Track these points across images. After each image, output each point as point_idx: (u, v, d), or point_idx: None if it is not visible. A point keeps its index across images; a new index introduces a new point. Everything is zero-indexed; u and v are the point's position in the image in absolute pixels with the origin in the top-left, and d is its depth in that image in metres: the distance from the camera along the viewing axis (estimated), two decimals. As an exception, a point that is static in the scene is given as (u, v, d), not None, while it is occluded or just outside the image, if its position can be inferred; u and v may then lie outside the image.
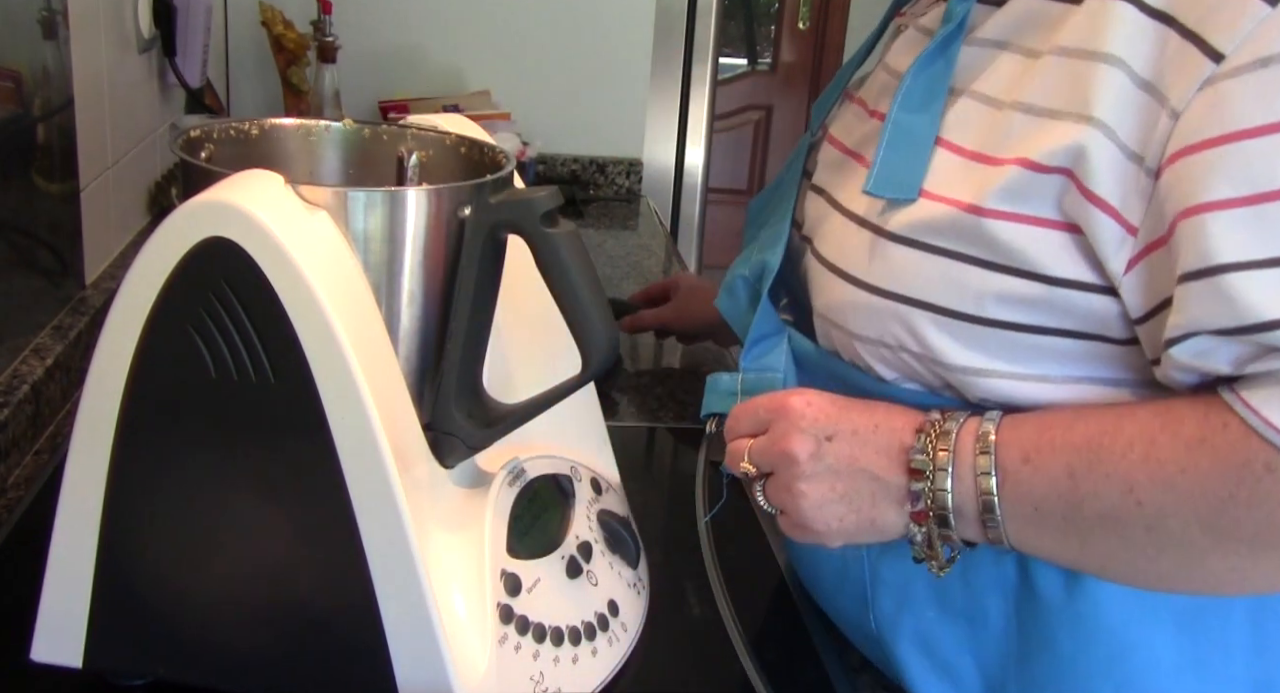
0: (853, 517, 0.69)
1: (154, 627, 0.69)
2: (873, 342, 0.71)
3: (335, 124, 0.79)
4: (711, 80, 2.30)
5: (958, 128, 0.70)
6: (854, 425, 0.69)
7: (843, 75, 0.88)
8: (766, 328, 0.80)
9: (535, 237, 0.68)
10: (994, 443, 0.65)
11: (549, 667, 0.72)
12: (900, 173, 0.70)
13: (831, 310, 0.74)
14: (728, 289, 0.84)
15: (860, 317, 0.71)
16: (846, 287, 0.72)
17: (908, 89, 0.71)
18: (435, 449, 0.72)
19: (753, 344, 0.79)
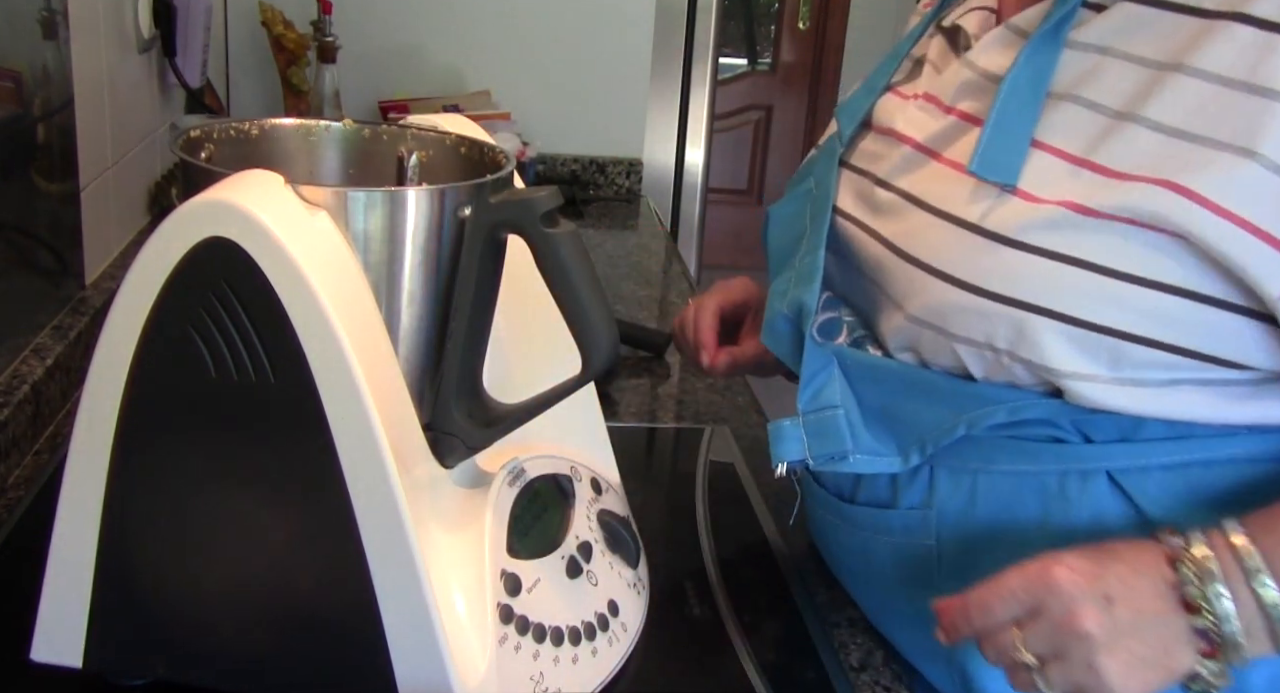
0: (1156, 674, 0.64)
1: (154, 627, 0.69)
2: (976, 344, 0.71)
3: (335, 124, 0.79)
4: (711, 80, 2.30)
5: (1059, 130, 0.70)
6: (1120, 576, 0.64)
7: (876, 79, 0.87)
8: (816, 365, 0.79)
9: (535, 237, 0.68)
10: (1257, 553, 0.63)
11: (549, 667, 0.72)
12: (1003, 157, 0.70)
13: (929, 312, 0.73)
14: (770, 327, 0.83)
15: (966, 319, 0.71)
16: (949, 288, 0.71)
17: (1014, 79, 0.71)
18: (435, 449, 0.72)
19: (806, 384, 0.79)
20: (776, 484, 1.08)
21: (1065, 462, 0.73)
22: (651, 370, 1.35)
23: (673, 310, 1.59)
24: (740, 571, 0.92)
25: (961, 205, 0.72)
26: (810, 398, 0.78)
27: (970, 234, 0.71)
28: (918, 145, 0.79)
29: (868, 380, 0.78)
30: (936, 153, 0.77)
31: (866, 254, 0.80)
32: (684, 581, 0.90)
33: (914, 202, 0.76)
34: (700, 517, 1.00)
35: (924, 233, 0.74)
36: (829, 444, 0.78)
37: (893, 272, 0.77)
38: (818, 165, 0.87)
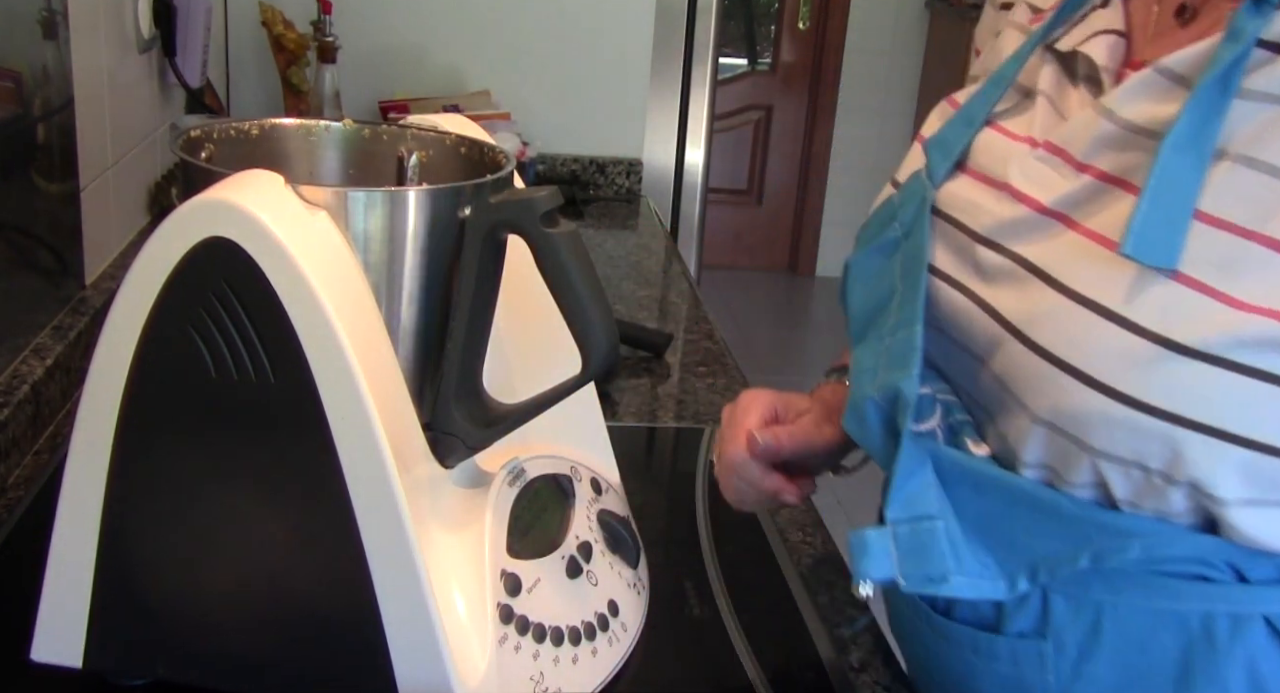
0: None
1: (154, 627, 0.69)
2: (1122, 461, 0.61)
3: (335, 124, 0.79)
4: (711, 80, 2.30)
5: (1226, 199, 0.59)
6: None
7: (976, 108, 0.75)
8: (912, 465, 0.68)
9: (535, 237, 0.68)
10: None
11: (549, 667, 0.72)
12: (1162, 235, 0.59)
13: (1064, 418, 0.62)
14: (855, 412, 0.71)
15: (1113, 433, 0.60)
16: (1092, 394, 0.60)
17: (1175, 139, 0.59)
18: (435, 449, 0.72)
19: (899, 487, 0.67)
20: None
21: (1213, 601, 0.63)
22: (651, 370, 1.35)
23: (673, 310, 1.59)
24: (740, 571, 0.92)
25: (1116, 295, 0.60)
26: (903, 505, 0.67)
27: (1130, 335, 0.59)
28: (1043, 209, 0.66)
29: (967, 487, 0.67)
30: (1072, 220, 0.65)
31: (975, 330, 0.69)
32: (684, 581, 0.90)
33: (1040, 275, 0.64)
34: (700, 517, 1.00)
35: (1059, 320, 0.62)
36: (926, 563, 0.66)
37: (1015, 360, 0.65)
38: (904, 209, 0.74)
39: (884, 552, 0.67)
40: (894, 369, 0.68)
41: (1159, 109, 0.62)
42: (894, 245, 0.74)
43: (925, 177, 0.74)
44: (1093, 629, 0.66)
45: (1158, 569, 0.64)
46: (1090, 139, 0.66)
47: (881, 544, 0.67)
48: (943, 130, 0.75)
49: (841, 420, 0.72)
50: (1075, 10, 0.73)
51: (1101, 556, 0.63)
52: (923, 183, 0.74)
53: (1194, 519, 0.62)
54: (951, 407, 0.72)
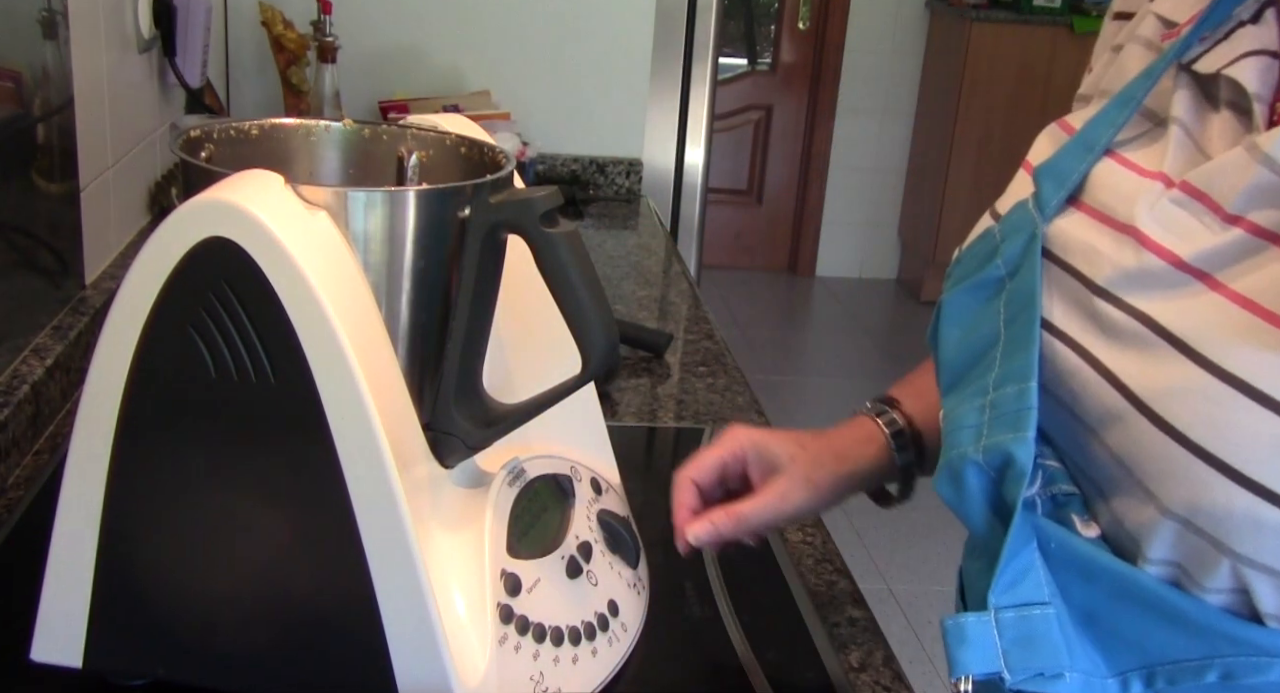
0: None
1: (154, 627, 0.69)
2: (1273, 572, 0.53)
3: (335, 124, 0.79)
4: (711, 80, 2.30)
5: None
6: None
7: (1096, 132, 0.65)
8: (1020, 541, 0.59)
9: (535, 237, 0.68)
10: None
11: (549, 667, 0.72)
12: None
13: (1201, 515, 0.54)
14: (952, 474, 0.62)
15: (1265, 538, 0.52)
16: (1240, 491, 0.52)
17: None
18: (435, 449, 0.72)
19: (1005, 566, 0.59)
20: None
21: None
22: (651, 370, 1.35)
23: (672, 310, 1.59)
24: (740, 571, 0.92)
25: (1268, 372, 0.52)
26: (1007, 587, 0.59)
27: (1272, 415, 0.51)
28: (1180, 263, 0.57)
29: (1075, 573, 0.59)
30: (1216, 281, 0.56)
31: (1089, 395, 0.60)
32: (684, 581, 0.90)
33: (1174, 342, 0.55)
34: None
35: (1198, 398, 0.54)
36: (1037, 656, 0.58)
37: (1140, 438, 0.56)
38: (1008, 244, 0.65)
39: (988, 641, 0.58)
40: (1003, 430, 0.60)
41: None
42: (997, 285, 0.65)
43: (1034, 208, 0.65)
44: None
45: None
46: (1244, 188, 0.56)
47: (984, 632, 0.58)
48: (1056, 156, 0.65)
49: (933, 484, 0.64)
50: (1217, 25, 0.63)
51: (1234, 673, 0.55)
52: (1031, 216, 0.64)
53: None
54: (1056, 475, 0.63)
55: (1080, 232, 0.62)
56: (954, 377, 0.66)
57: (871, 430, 0.82)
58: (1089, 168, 0.64)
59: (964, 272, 0.67)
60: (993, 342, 0.63)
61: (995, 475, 0.60)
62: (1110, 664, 0.58)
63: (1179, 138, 0.61)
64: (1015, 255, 0.64)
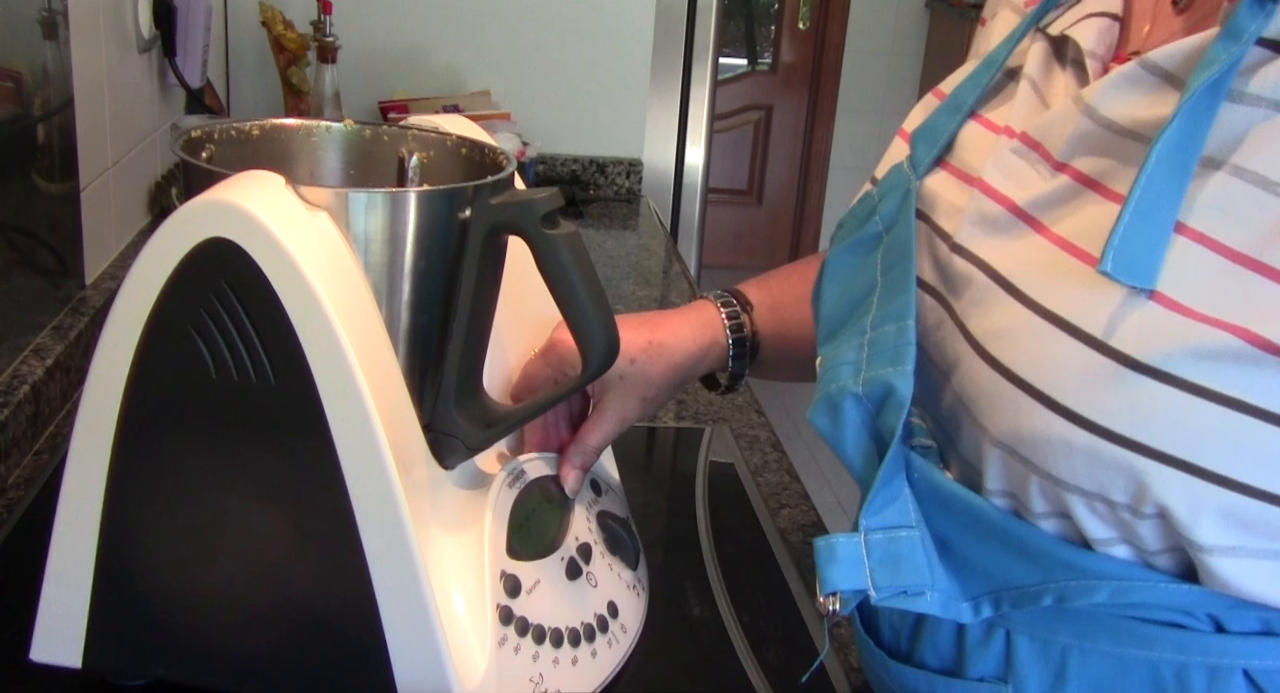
0: None
1: (154, 627, 0.69)
2: (1086, 493, 0.55)
3: (335, 124, 0.79)
4: (711, 80, 2.30)
5: (1212, 213, 0.53)
6: None
7: (963, 94, 0.69)
8: (893, 470, 0.62)
9: (535, 237, 0.68)
10: None
11: (548, 668, 0.72)
12: (1142, 252, 0.53)
13: (1023, 443, 0.56)
14: (829, 406, 0.64)
15: (1075, 461, 0.55)
16: (1054, 418, 0.55)
17: (1164, 147, 0.53)
18: (435, 450, 0.72)
19: (877, 492, 0.61)
20: (776, 484, 1.08)
21: (1189, 653, 0.57)
22: (651, 371, 1.35)
23: (673, 311, 1.59)
24: (740, 571, 0.92)
25: (1077, 306, 0.55)
26: (877, 510, 0.61)
27: (1089, 350, 0.54)
28: (1015, 208, 0.61)
29: (934, 505, 0.62)
30: (1041, 224, 0.59)
31: (943, 343, 0.63)
32: (684, 581, 0.90)
33: (1004, 284, 0.59)
34: (700, 517, 1.00)
35: (1019, 334, 0.57)
36: (902, 575, 0.61)
37: (974, 377, 0.59)
38: (884, 203, 0.69)
39: (855, 560, 0.61)
40: (883, 364, 0.62)
41: (1142, 109, 0.57)
42: (874, 241, 0.68)
43: (909, 169, 0.69)
44: (1058, 675, 0.61)
45: (1130, 615, 0.58)
46: (1069, 136, 0.60)
47: (852, 553, 0.61)
48: (930, 119, 0.69)
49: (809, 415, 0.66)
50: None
51: (1067, 596, 0.58)
52: (906, 175, 0.69)
53: (1171, 563, 0.56)
54: (916, 429, 0.66)
55: (943, 189, 0.66)
56: (830, 329, 0.68)
57: (714, 331, 0.88)
58: (957, 128, 0.68)
59: (844, 234, 0.71)
60: (869, 290, 0.66)
61: (874, 407, 0.63)
62: (964, 590, 0.61)
63: (1026, 92, 0.65)
64: (891, 212, 0.68)
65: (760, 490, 1.06)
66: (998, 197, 0.62)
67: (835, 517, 3.09)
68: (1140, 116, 0.57)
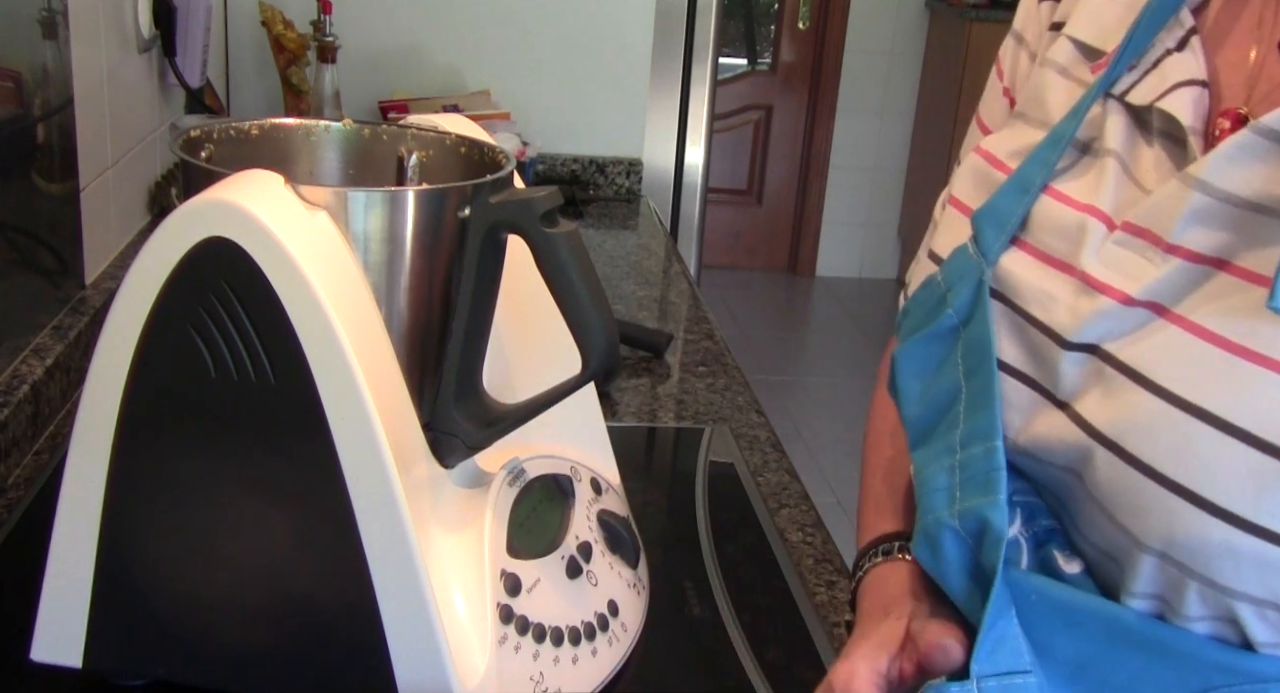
0: None
1: (154, 627, 0.69)
2: (1258, 601, 0.52)
3: (335, 124, 0.79)
4: (711, 80, 2.30)
5: None
6: None
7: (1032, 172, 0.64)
8: (1001, 605, 0.58)
9: (535, 236, 0.68)
10: None
11: (549, 667, 0.72)
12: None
13: (1178, 548, 0.53)
14: (928, 540, 0.62)
15: (1243, 567, 0.51)
16: (1213, 522, 0.51)
17: None
18: (435, 449, 0.72)
19: (987, 631, 0.58)
20: (776, 484, 1.08)
21: None
22: (651, 370, 1.35)
23: (672, 310, 1.59)
24: (740, 571, 0.92)
25: (1228, 401, 0.51)
26: (989, 653, 0.57)
27: (1249, 448, 0.50)
28: (1129, 300, 0.57)
29: (1060, 622, 0.58)
30: (1166, 310, 0.56)
31: (1055, 437, 0.59)
32: (684, 581, 0.90)
33: (1133, 376, 0.55)
34: (700, 517, 1.00)
35: (1157, 428, 0.53)
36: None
37: (1110, 475, 0.56)
38: (956, 293, 0.65)
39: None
40: (975, 494, 0.59)
41: (1262, 179, 0.54)
42: (951, 335, 0.65)
43: (976, 253, 0.64)
44: None
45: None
46: (1181, 216, 0.56)
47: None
48: (996, 199, 0.65)
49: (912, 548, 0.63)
50: (1141, 53, 0.62)
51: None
52: (974, 261, 0.64)
53: None
54: (1035, 510, 0.62)
55: (1024, 271, 0.62)
56: (920, 433, 0.65)
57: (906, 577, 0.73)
58: (1028, 207, 0.64)
59: (914, 322, 0.67)
60: (954, 395, 0.63)
61: (972, 541, 0.60)
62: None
63: (1115, 170, 0.61)
64: (965, 303, 0.64)
65: (760, 490, 1.06)
66: (1108, 289, 0.58)
67: (835, 517, 3.09)
68: (1265, 188, 0.54)
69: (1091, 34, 0.66)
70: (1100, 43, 0.65)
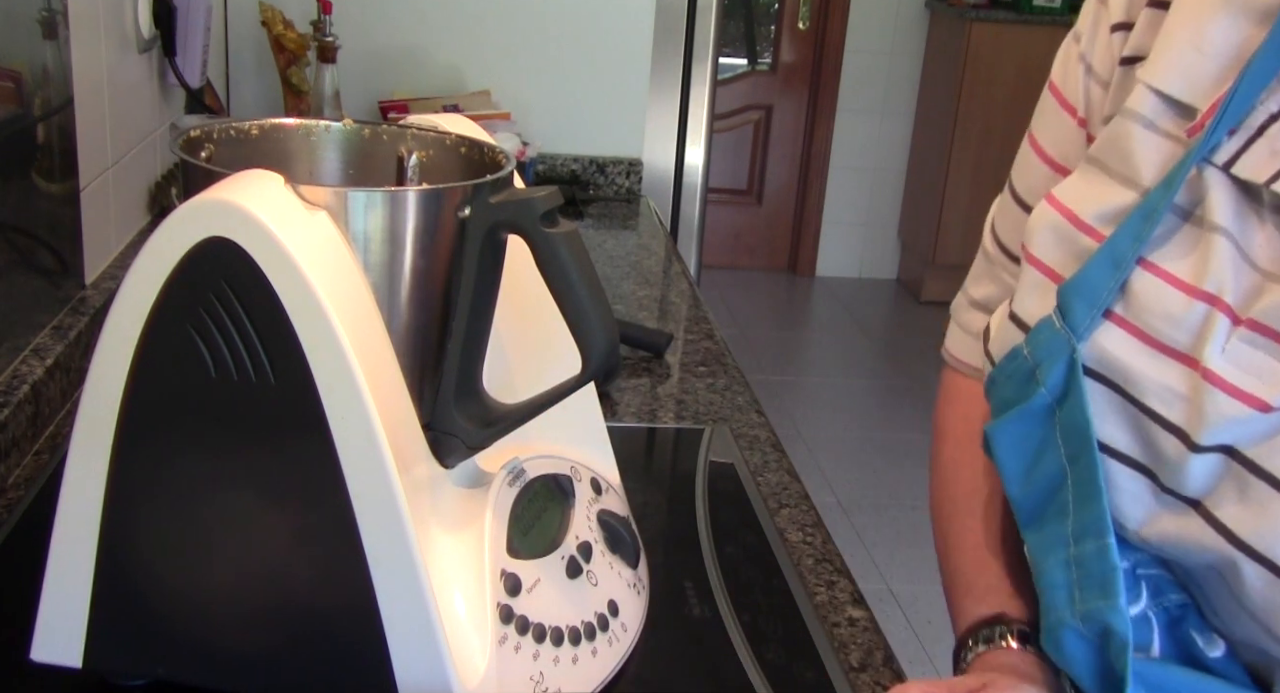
0: None
1: (154, 627, 0.69)
2: None
3: (335, 124, 0.79)
4: (711, 80, 2.30)
5: None
6: None
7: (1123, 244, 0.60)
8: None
9: (535, 237, 0.68)
10: None
11: (549, 667, 0.72)
12: None
13: None
14: (1053, 639, 0.61)
15: None
16: None
17: None
18: (435, 449, 0.72)
19: None
20: (776, 484, 1.08)
21: None
22: (651, 370, 1.35)
23: (673, 310, 1.59)
24: (740, 571, 0.92)
25: None
26: None
27: None
28: (1266, 408, 0.55)
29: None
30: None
31: (1189, 538, 0.57)
32: (684, 581, 0.90)
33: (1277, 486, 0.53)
34: (700, 517, 1.00)
35: None
36: None
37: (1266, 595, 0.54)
38: (1046, 370, 0.62)
39: None
40: (1094, 596, 0.58)
41: None
42: (1045, 413, 0.62)
43: (1064, 328, 0.61)
44: None
45: None
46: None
47: None
48: (1086, 271, 0.61)
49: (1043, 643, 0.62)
50: (1241, 116, 0.57)
51: None
52: (1062, 336, 0.61)
53: None
54: (1161, 583, 0.61)
55: (1130, 356, 0.59)
56: (1029, 515, 0.64)
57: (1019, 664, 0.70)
58: (1123, 283, 0.60)
59: (1004, 395, 0.64)
60: (1059, 480, 0.61)
61: (1098, 641, 0.58)
62: None
63: (1228, 252, 0.57)
64: (1058, 382, 0.61)
65: (760, 490, 1.06)
66: (1241, 395, 0.55)
67: (835, 517, 3.09)
68: None
69: (1181, 90, 0.60)
70: (1192, 99, 0.60)
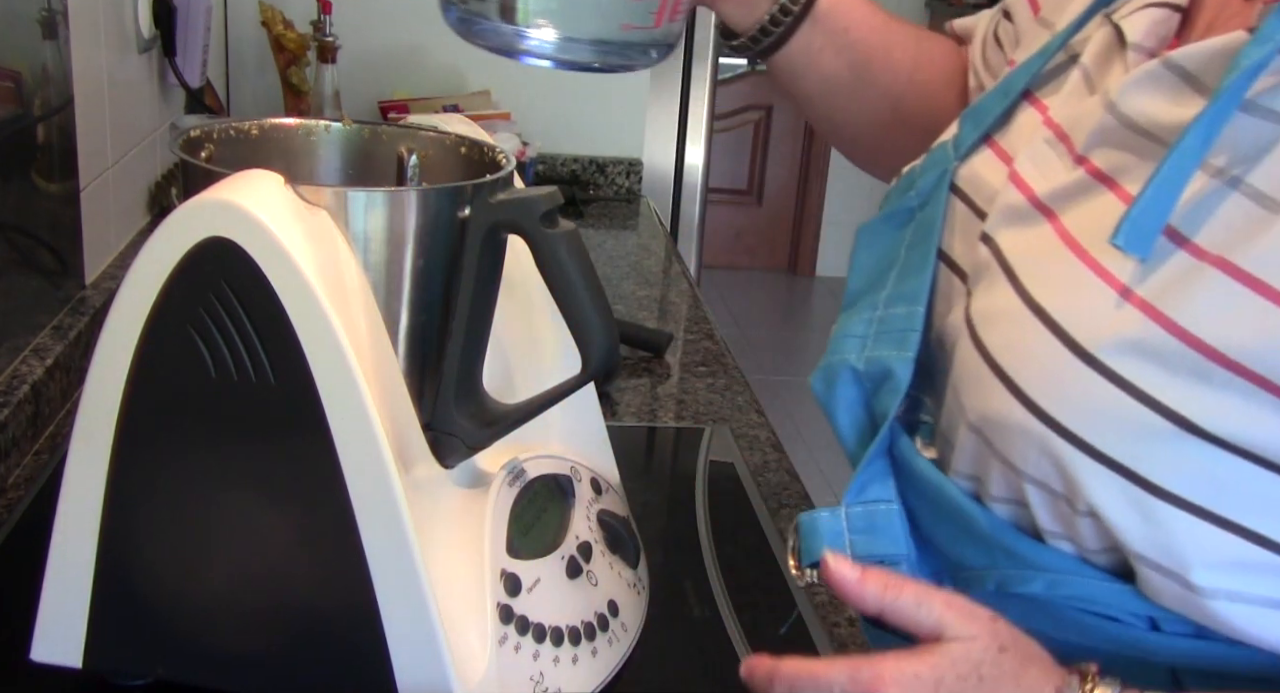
0: None
1: (154, 627, 0.69)
2: (1037, 482, 0.56)
3: (335, 124, 0.79)
4: (711, 80, 2.30)
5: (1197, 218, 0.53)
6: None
7: (1017, 78, 0.67)
8: (879, 449, 0.63)
9: (535, 236, 0.68)
10: None
11: (549, 667, 0.72)
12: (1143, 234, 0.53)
13: (989, 426, 0.58)
14: (829, 376, 0.66)
15: (1029, 449, 0.55)
16: (1015, 405, 0.56)
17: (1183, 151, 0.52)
18: (435, 449, 0.72)
19: (863, 469, 0.63)
20: (776, 484, 1.08)
21: (1121, 645, 0.57)
22: (651, 370, 1.35)
23: (673, 310, 1.59)
24: (740, 571, 0.92)
25: (1058, 298, 0.56)
26: (860, 489, 0.63)
27: (1055, 340, 0.55)
28: (1034, 198, 0.60)
29: (907, 482, 0.64)
30: (1054, 214, 0.59)
31: (953, 324, 0.63)
32: (684, 581, 0.90)
33: (1007, 272, 0.59)
34: (700, 517, 1.00)
35: (1005, 320, 0.58)
36: (879, 543, 0.62)
37: (965, 360, 0.60)
38: (924, 177, 0.69)
39: (836, 533, 0.62)
40: (887, 346, 0.63)
41: (1160, 110, 0.56)
42: (907, 215, 0.68)
43: (951, 147, 0.68)
44: None
45: (1070, 605, 0.58)
46: (1090, 130, 0.59)
47: (834, 525, 0.62)
48: (981, 100, 0.69)
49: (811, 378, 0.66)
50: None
51: (1006, 583, 0.59)
52: (948, 153, 0.68)
53: (1109, 562, 0.56)
54: (917, 401, 0.67)
55: (985, 171, 0.65)
56: (854, 297, 0.69)
57: None
58: (1005, 110, 0.67)
59: (885, 205, 0.71)
60: (892, 264, 0.67)
61: (871, 386, 0.64)
62: (926, 564, 0.63)
63: (1075, 82, 0.63)
64: (927, 188, 0.67)
65: (760, 490, 1.06)
66: (1023, 186, 0.61)
67: (835, 517, 3.08)
68: (1157, 118, 0.56)
69: None
70: None
